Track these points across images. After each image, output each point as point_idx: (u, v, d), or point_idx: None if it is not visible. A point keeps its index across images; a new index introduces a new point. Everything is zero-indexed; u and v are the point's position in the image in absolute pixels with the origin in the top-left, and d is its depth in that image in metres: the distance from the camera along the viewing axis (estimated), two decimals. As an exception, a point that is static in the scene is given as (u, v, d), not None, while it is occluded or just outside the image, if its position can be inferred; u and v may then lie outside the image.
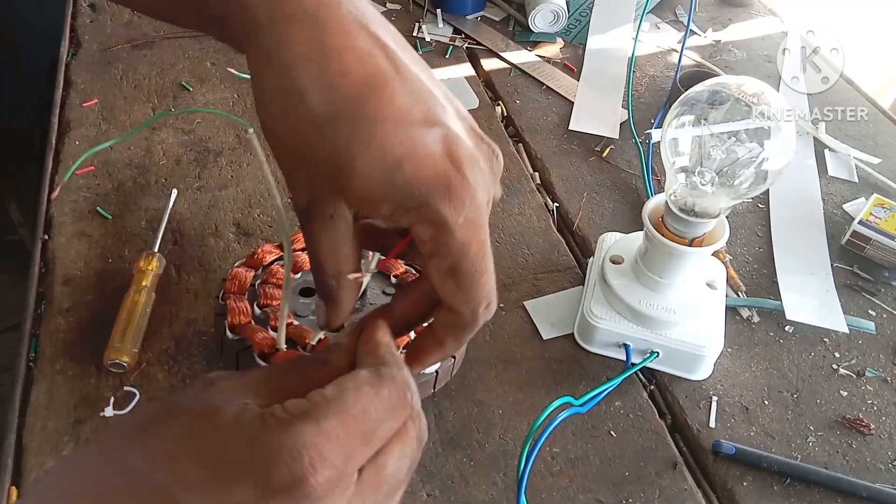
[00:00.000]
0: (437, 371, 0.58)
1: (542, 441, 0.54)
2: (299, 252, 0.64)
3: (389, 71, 0.31)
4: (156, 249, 0.67)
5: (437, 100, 0.32)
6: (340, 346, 0.33)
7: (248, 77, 0.35)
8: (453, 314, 0.35)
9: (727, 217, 0.58)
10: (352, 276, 0.35)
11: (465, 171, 0.31)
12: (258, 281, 0.62)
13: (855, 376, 0.66)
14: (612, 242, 0.67)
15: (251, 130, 0.41)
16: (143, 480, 0.26)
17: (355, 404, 0.27)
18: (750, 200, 0.82)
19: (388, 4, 1.08)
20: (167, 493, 0.25)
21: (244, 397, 0.28)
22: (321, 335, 0.56)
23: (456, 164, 0.31)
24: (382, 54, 0.31)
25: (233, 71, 0.91)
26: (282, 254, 0.64)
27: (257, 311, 0.60)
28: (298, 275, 0.63)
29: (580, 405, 0.57)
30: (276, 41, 0.31)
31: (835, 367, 0.66)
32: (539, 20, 1.04)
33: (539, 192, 0.81)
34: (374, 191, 0.31)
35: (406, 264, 0.65)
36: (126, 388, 0.58)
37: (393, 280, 0.64)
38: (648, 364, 0.63)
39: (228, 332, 0.57)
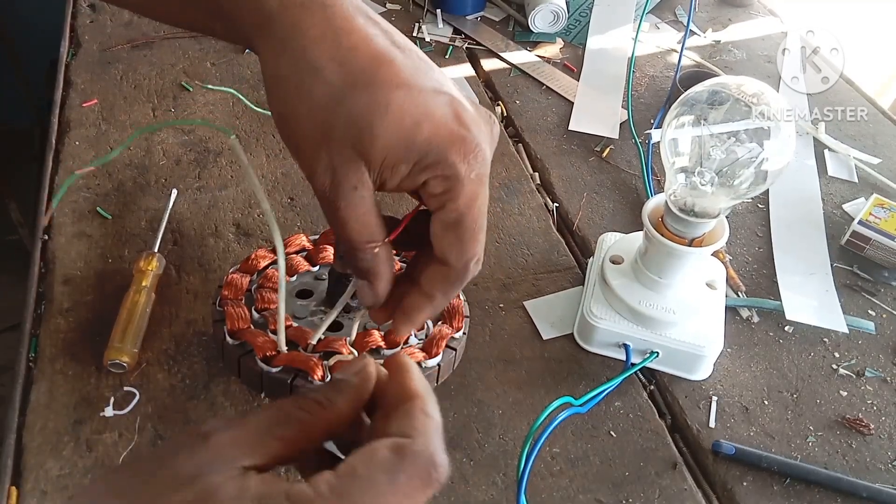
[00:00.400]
0: (438, 364, 0.58)
1: (541, 441, 0.54)
2: (293, 255, 0.64)
3: (393, 48, 0.34)
4: (156, 249, 0.67)
5: (437, 71, 0.36)
6: (347, 385, 0.30)
7: (223, 90, 0.36)
8: (443, 269, 0.37)
9: (727, 217, 0.58)
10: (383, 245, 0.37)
11: (473, 131, 0.35)
12: (254, 286, 0.62)
13: (855, 376, 0.66)
14: (611, 242, 0.67)
15: (233, 137, 0.42)
16: None
17: (363, 499, 0.25)
18: (750, 200, 0.82)
19: (388, 4, 1.08)
20: None
21: (241, 456, 0.26)
22: (321, 335, 0.56)
23: (464, 125, 0.34)
24: (383, 35, 0.35)
25: (210, 87, 0.91)
26: (276, 258, 0.64)
27: (255, 315, 0.60)
28: (294, 277, 0.63)
29: (580, 405, 0.57)
30: (289, 26, 0.33)
31: (834, 367, 0.66)
32: (539, 20, 1.04)
33: (539, 192, 0.81)
34: (395, 153, 0.33)
35: (402, 261, 0.65)
36: (126, 388, 0.58)
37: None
38: (648, 364, 0.63)
39: (228, 338, 0.57)
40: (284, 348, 0.56)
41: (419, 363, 0.57)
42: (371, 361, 0.31)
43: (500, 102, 0.93)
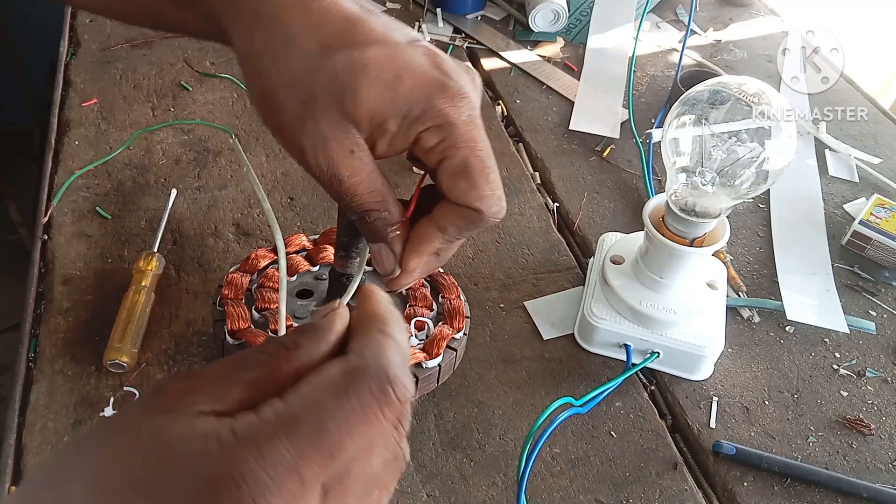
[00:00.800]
0: (439, 364, 0.58)
1: (542, 441, 0.54)
2: (293, 255, 0.64)
3: (362, 10, 0.34)
4: (155, 249, 0.67)
5: (408, 28, 0.36)
6: (313, 326, 0.29)
7: (212, 75, 0.36)
8: (461, 207, 0.36)
9: (728, 217, 0.58)
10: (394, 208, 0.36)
11: (454, 76, 0.34)
12: (254, 285, 0.62)
13: (855, 376, 0.66)
14: (612, 242, 0.67)
15: (233, 137, 0.42)
16: None
17: (309, 421, 0.24)
18: (750, 200, 0.82)
19: (388, 4, 1.08)
20: None
21: (198, 402, 0.25)
22: None
23: (444, 72, 0.34)
24: (351, 0, 0.35)
25: (199, 71, 0.90)
26: (276, 258, 0.64)
27: (255, 315, 0.60)
28: (294, 277, 0.63)
29: (580, 405, 0.57)
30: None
31: (835, 367, 0.66)
32: (539, 19, 1.04)
33: (539, 192, 0.81)
34: (381, 108, 0.33)
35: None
36: (126, 388, 0.58)
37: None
38: (649, 364, 0.63)
39: (228, 338, 0.57)
40: None
41: (419, 364, 0.57)
42: (340, 303, 0.30)
43: (500, 102, 0.93)
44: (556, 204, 0.80)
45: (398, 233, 0.37)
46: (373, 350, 0.27)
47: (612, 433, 0.60)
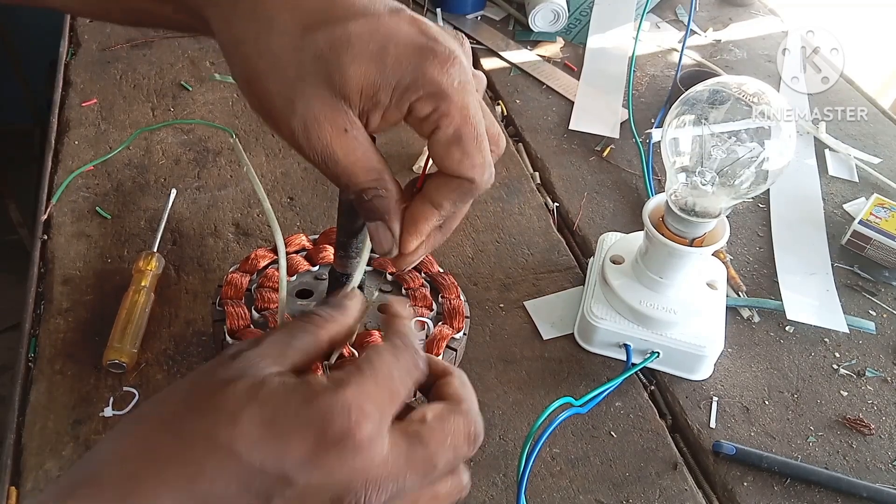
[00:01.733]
0: None
1: (542, 441, 0.54)
2: (293, 255, 0.64)
3: None
4: (155, 249, 0.67)
5: None
6: (338, 302, 0.35)
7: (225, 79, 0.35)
8: (453, 180, 0.36)
9: (728, 217, 0.58)
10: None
11: (441, 41, 0.34)
12: (254, 285, 0.62)
13: (855, 376, 0.66)
14: (612, 242, 0.67)
15: (233, 137, 0.41)
16: (203, 442, 0.27)
17: (381, 369, 0.30)
18: (750, 200, 0.82)
19: (388, 4, 1.08)
20: (229, 450, 0.27)
21: (270, 365, 0.30)
22: None
23: (431, 37, 0.34)
24: None
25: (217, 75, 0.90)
26: (276, 258, 0.64)
27: (255, 315, 0.59)
28: (294, 277, 0.63)
29: (580, 405, 0.57)
30: None
31: (835, 367, 0.66)
32: (539, 19, 1.04)
33: (539, 191, 0.81)
34: (370, 82, 0.33)
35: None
36: (125, 388, 0.58)
37: (388, 278, 0.64)
38: (649, 364, 0.63)
39: (228, 338, 0.57)
40: None
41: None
42: (353, 289, 0.38)
43: (500, 102, 0.93)
44: (556, 204, 0.80)
45: (397, 210, 0.37)
46: (409, 334, 0.34)
47: (612, 433, 0.60)
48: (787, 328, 0.69)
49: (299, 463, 0.27)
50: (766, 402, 0.63)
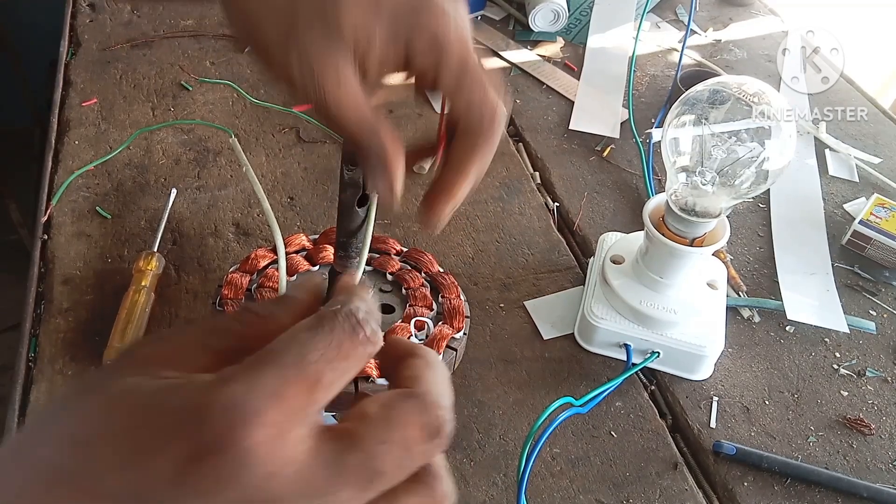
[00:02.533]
0: None
1: (542, 441, 0.54)
2: (293, 255, 0.64)
3: None
4: (155, 249, 0.67)
5: None
6: (294, 301, 0.29)
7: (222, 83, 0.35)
8: (468, 137, 0.35)
9: (728, 217, 0.58)
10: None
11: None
12: (254, 285, 0.62)
13: (855, 376, 0.66)
14: (612, 242, 0.67)
15: (233, 137, 0.41)
16: (48, 471, 0.22)
17: (288, 353, 0.24)
18: (751, 200, 0.82)
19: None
20: (75, 482, 0.22)
21: (164, 368, 0.24)
22: None
23: None
24: None
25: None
26: (276, 258, 0.63)
27: None
28: (294, 277, 0.63)
29: (580, 405, 0.57)
30: None
31: (835, 367, 0.66)
32: (539, 19, 1.04)
33: (539, 191, 0.81)
34: (366, 20, 0.33)
35: (401, 260, 0.65)
36: (125, 388, 0.58)
37: (389, 277, 0.64)
38: (649, 364, 0.63)
39: None
40: None
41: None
42: (322, 281, 0.31)
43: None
44: (556, 204, 0.80)
45: (394, 162, 0.36)
46: (340, 301, 0.26)
47: (613, 433, 0.60)
48: (787, 328, 0.69)
49: (164, 486, 0.21)
50: (767, 402, 0.63)
